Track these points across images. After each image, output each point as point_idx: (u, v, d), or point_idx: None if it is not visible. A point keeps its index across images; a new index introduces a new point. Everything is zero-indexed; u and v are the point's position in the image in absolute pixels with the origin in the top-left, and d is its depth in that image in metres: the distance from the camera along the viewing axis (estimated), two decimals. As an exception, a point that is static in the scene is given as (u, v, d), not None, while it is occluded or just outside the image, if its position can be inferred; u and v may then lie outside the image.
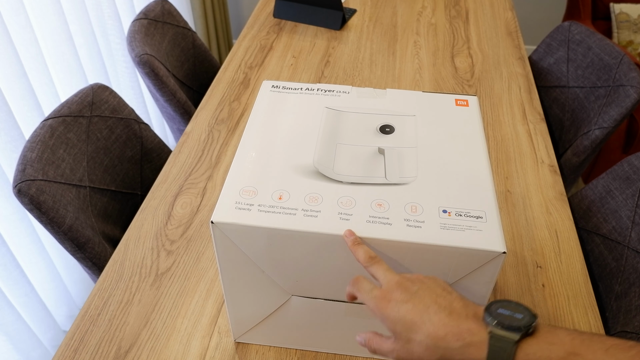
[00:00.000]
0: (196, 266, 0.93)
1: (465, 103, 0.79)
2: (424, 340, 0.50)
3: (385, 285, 0.55)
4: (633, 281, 0.98)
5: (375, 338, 0.56)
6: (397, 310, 0.52)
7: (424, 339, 0.50)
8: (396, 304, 0.52)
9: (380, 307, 0.53)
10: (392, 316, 0.52)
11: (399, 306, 0.52)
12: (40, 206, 0.96)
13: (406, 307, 0.52)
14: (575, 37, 1.53)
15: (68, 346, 0.81)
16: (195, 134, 1.23)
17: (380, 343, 0.55)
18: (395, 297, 0.53)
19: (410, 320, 0.51)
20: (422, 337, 0.50)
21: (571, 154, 1.38)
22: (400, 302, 0.52)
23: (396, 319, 0.52)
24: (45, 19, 1.50)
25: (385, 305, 0.53)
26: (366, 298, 0.55)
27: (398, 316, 0.52)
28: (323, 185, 0.65)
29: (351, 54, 1.53)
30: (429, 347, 0.50)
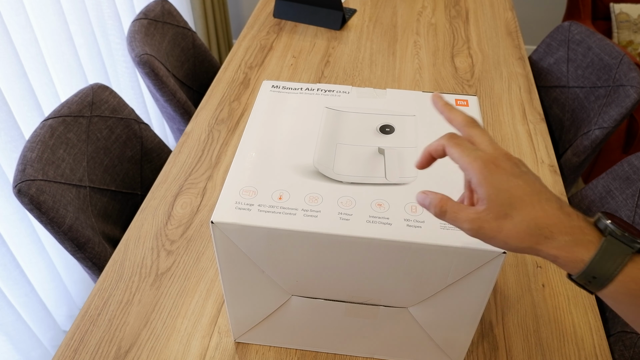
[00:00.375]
0: (196, 266, 0.93)
1: (465, 103, 0.79)
2: (526, 221, 0.45)
3: (492, 150, 0.48)
4: (633, 281, 0.98)
5: (451, 200, 0.49)
6: (507, 180, 0.46)
7: (527, 220, 0.45)
8: (507, 174, 0.46)
9: (487, 170, 0.46)
10: (499, 184, 0.46)
11: (510, 177, 0.46)
12: (40, 206, 0.96)
13: (517, 181, 0.46)
14: (575, 37, 1.53)
15: (68, 346, 0.81)
16: (195, 134, 1.23)
17: (458, 207, 0.48)
18: (506, 167, 0.47)
19: (518, 196, 0.45)
20: (526, 219, 0.45)
21: (571, 154, 1.38)
22: (511, 174, 0.46)
23: (503, 189, 0.45)
24: (45, 19, 1.50)
25: (494, 170, 0.46)
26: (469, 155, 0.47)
27: (506, 186, 0.46)
28: (323, 185, 0.65)
29: (351, 54, 1.53)
30: (528, 230, 0.45)
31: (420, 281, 0.64)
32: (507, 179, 0.46)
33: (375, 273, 0.64)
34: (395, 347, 0.76)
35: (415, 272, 0.63)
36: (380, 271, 0.64)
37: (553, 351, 0.81)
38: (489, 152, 0.48)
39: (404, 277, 0.64)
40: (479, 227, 0.46)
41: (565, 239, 0.44)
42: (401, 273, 0.64)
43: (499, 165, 0.47)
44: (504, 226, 0.45)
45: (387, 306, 0.69)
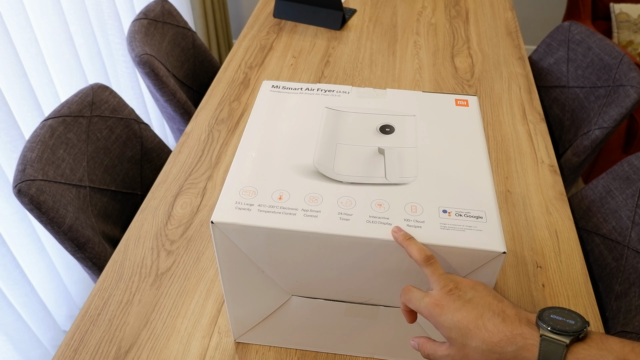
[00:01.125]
0: (196, 266, 0.93)
1: (465, 103, 0.79)
2: (479, 346, 0.51)
3: (438, 290, 0.56)
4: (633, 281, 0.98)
5: (429, 343, 0.57)
6: (452, 317, 0.53)
7: (479, 345, 0.51)
8: (450, 311, 0.53)
9: (434, 314, 0.54)
10: (447, 323, 0.53)
11: (454, 313, 0.53)
12: (40, 206, 0.96)
13: (460, 314, 0.53)
14: (575, 37, 1.53)
15: (68, 346, 0.81)
16: (195, 134, 1.23)
17: (434, 348, 0.57)
18: (449, 304, 0.54)
19: (465, 327, 0.52)
20: (478, 343, 0.51)
21: (571, 154, 1.38)
22: (454, 309, 0.53)
23: (451, 326, 0.53)
24: (45, 19, 1.50)
25: (440, 312, 0.54)
26: (419, 306, 0.56)
27: (453, 323, 0.53)
28: (323, 185, 0.65)
29: (351, 54, 1.53)
30: (484, 352, 0.51)
31: (420, 281, 0.64)
32: (453, 316, 0.53)
33: (376, 273, 0.64)
34: (395, 347, 0.76)
35: (416, 272, 0.63)
36: (381, 271, 0.64)
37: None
38: (436, 295, 0.55)
39: (404, 277, 0.64)
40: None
41: (512, 349, 0.50)
42: (401, 273, 0.64)
43: (443, 305, 0.54)
44: (468, 354, 0.53)
45: (387, 306, 0.69)
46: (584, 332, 0.49)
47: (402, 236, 0.59)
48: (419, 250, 0.58)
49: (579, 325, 0.49)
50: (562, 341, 0.48)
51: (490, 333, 0.51)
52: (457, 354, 0.53)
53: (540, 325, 0.50)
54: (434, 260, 0.58)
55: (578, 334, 0.49)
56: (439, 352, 0.56)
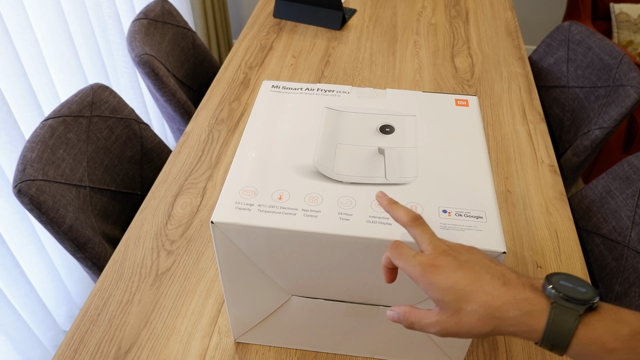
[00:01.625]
0: (196, 266, 0.93)
1: (465, 103, 0.79)
2: (477, 310, 0.47)
3: (431, 250, 0.51)
4: (633, 281, 0.98)
5: (414, 311, 0.51)
6: (447, 277, 0.48)
7: (477, 309, 0.47)
8: (445, 271, 0.48)
9: (427, 274, 0.49)
10: (441, 284, 0.48)
11: (449, 274, 0.48)
12: (40, 206, 0.96)
13: (457, 275, 0.48)
14: (575, 37, 1.53)
15: (68, 346, 0.81)
16: (195, 134, 1.23)
17: (420, 315, 0.50)
18: (444, 264, 0.49)
19: (462, 289, 0.47)
20: (476, 307, 0.47)
21: (571, 154, 1.38)
22: (450, 269, 0.48)
23: (445, 287, 0.48)
24: (45, 19, 1.50)
25: (433, 272, 0.49)
26: (410, 264, 0.50)
27: (448, 284, 0.48)
28: (323, 185, 0.65)
29: (351, 54, 1.53)
30: (482, 318, 0.47)
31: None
32: (447, 277, 0.48)
33: (375, 273, 0.64)
34: (395, 347, 0.76)
35: (415, 272, 0.63)
36: (381, 271, 0.64)
37: (553, 351, 0.81)
38: (427, 254, 0.50)
39: (404, 277, 0.64)
40: (442, 328, 0.49)
41: (515, 314, 0.46)
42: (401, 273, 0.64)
43: (437, 265, 0.49)
44: (462, 320, 0.47)
45: (387, 306, 0.69)
46: (596, 301, 0.45)
47: (386, 200, 0.56)
48: (405, 211, 0.54)
49: (590, 293, 0.45)
50: (576, 309, 0.44)
51: (490, 296, 0.46)
52: (449, 320, 0.48)
53: (550, 292, 0.46)
54: (422, 220, 0.54)
55: (592, 303, 0.44)
56: (426, 319, 0.50)
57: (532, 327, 0.45)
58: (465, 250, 0.51)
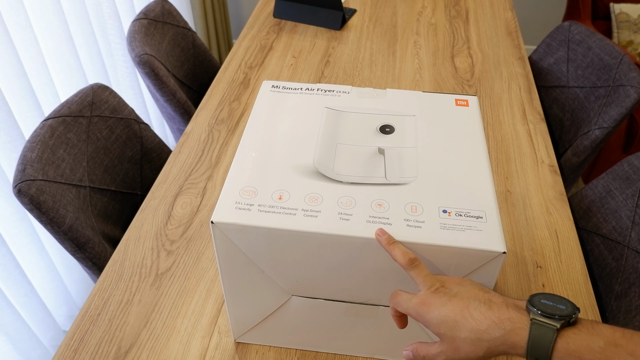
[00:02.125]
0: (196, 266, 0.93)
1: (465, 103, 0.79)
2: (468, 336, 0.51)
3: (425, 290, 0.56)
4: (633, 281, 0.98)
5: (422, 345, 0.57)
6: (439, 312, 0.53)
7: (468, 335, 0.51)
8: (437, 307, 0.54)
9: (422, 313, 0.55)
10: (435, 319, 0.53)
11: (440, 308, 0.53)
12: (40, 206, 0.96)
13: (447, 308, 0.53)
14: (575, 37, 1.53)
15: (68, 346, 0.81)
16: (195, 134, 1.23)
17: (427, 348, 0.56)
18: (434, 301, 0.54)
19: (452, 320, 0.52)
20: (466, 334, 0.51)
21: (571, 154, 1.38)
22: (440, 304, 0.54)
23: (439, 321, 0.53)
24: (45, 19, 1.50)
25: (427, 310, 0.54)
26: (407, 308, 0.56)
27: (440, 318, 0.53)
28: (323, 185, 0.65)
29: (351, 54, 1.53)
30: (474, 342, 0.51)
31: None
32: (439, 312, 0.53)
33: (375, 273, 0.64)
34: (395, 347, 0.76)
35: (415, 272, 0.63)
36: (380, 271, 0.64)
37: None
38: (423, 294, 0.56)
39: (404, 277, 0.64)
40: (446, 357, 0.54)
41: (500, 334, 0.50)
42: (401, 273, 0.63)
43: (429, 303, 0.55)
44: (458, 347, 0.52)
45: (387, 306, 0.69)
46: (574, 317, 0.49)
47: (385, 240, 0.60)
48: (403, 253, 0.58)
49: (569, 310, 0.49)
50: (553, 325, 0.48)
51: (477, 321, 0.51)
52: (448, 349, 0.53)
53: (530, 309, 0.50)
54: (418, 262, 0.58)
55: (569, 318, 0.48)
56: (432, 351, 0.56)
57: (516, 343, 0.49)
58: (456, 283, 0.56)
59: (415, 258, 0.58)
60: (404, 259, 0.58)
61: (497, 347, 0.50)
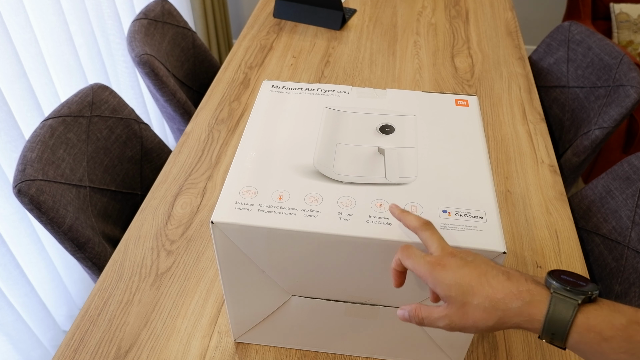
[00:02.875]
0: (196, 266, 0.93)
1: (465, 103, 0.79)
2: (481, 302, 0.49)
3: (439, 251, 0.54)
4: (633, 281, 0.98)
5: (423, 307, 0.55)
6: (453, 274, 0.51)
7: (481, 302, 0.49)
8: (452, 269, 0.52)
9: (435, 272, 0.52)
10: (448, 280, 0.51)
11: (455, 270, 0.51)
12: (40, 206, 0.96)
13: (463, 271, 0.51)
14: (575, 37, 1.53)
15: (68, 346, 0.81)
16: (195, 134, 1.23)
17: (429, 310, 0.54)
18: (450, 262, 0.52)
19: (467, 284, 0.50)
20: (480, 300, 0.49)
21: (571, 154, 1.38)
22: (456, 267, 0.52)
23: (451, 283, 0.51)
24: (45, 19, 1.50)
25: (440, 270, 0.52)
26: (419, 263, 0.54)
27: (454, 280, 0.51)
28: (323, 185, 0.65)
29: (351, 54, 1.53)
30: (487, 310, 0.49)
31: (420, 281, 0.64)
32: (454, 273, 0.51)
33: (375, 273, 0.64)
34: (395, 347, 0.76)
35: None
36: (380, 271, 0.64)
37: (553, 351, 0.81)
38: (436, 255, 0.54)
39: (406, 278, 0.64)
40: (450, 321, 0.52)
41: (517, 304, 0.48)
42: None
43: (444, 264, 0.52)
44: (468, 313, 0.50)
45: (387, 306, 0.69)
46: (595, 294, 0.47)
47: (398, 210, 0.60)
48: (416, 217, 0.58)
49: (590, 286, 0.47)
50: (574, 299, 0.46)
51: (494, 289, 0.49)
52: (455, 313, 0.51)
53: (551, 283, 0.48)
54: (431, 225, 0.57)
55: (590, 294, 0.47)
56: (434, 314, 0.53)
57: (533, 316, 0.47)
58: (471, 253, 0.54)
59: (429, 221, 0.57)
60: (417, 221, 0.57)
61: (510, 319, 0.49)
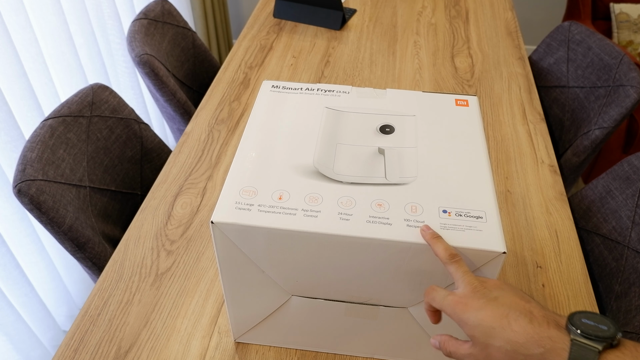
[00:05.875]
0: (196, 266, 0.93)
1: (465, 103, 0.79)
2: (503, 346, 0.50)
3: (463, 288, 0.55)
4: (633, 281, 0.98)
5: (451, 340, 0.56)
6: (475, 315, 0.52)
7: (503, 345, 0.50)
8: (474, 309, 0.52)
9: (458, 312, 0.53)
10: (470, 321, 0.52)
11: (477, 311, 0.52)
12: (40, 206, 0.96)
13: (484, 312, 0.51)
14: (575, 37, 1.53)
15: (68, 346, 0.81)
16: (195, 134, 1.23)
17: (456, 346, 0.55)
18: (472, 302, 0.53)
19: (488, 326, 0.51)
20: (502, 343, 0.50)
21: (571, 154, 1.38)
22: (478, 307, 0.52)
23: (474, 324, 0.52)
24: (45, 19, 1.50)
25: (463, 310, 0.53)
26: (442, 304, 0.55)
27: (476, 321, 0.51)
28: (323, 185, 0.65)
29: (351, 54, 1.53)
30: (508, 353, 0.49)
31: (420, 281, 0.64)
32: (476, 314, 0.52)
33: (375, 273, 0.64)
34: (395, 347, 0.76)
35: (415, 272, 0.63)
36: (380, 271, 0.64)
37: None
38: (460, 293, 0.54)
39: (404, 277, 0.64)
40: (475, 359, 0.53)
41: (539, 351, 0.48)
42: (401, 273, 0.64)
43: (467, 303, 0.53)
44: (491, 354, 0.51)
45: (387, 306, 0.69)
46: (617, 339, 0.46)
47: (430, 234, 0.59)
48: (445, 248, 0.58)
49: (612, 331, 0.47)
50: (595, 347, 0.46)
51: (515, 333, 0.49)
52: (479, 354, 0.52)
53: (571, 329, 0.48)
54: (459, 258, 0.57)
55: (611, 340, 0.46)
56: (460, 351, 0.54)
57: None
58: (496, 287, 0.54)
59: (457, 254, 0.58)
60: (446, 253, 0.57)
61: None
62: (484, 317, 0.51)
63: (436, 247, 0.58)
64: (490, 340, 0.50)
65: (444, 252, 0.58)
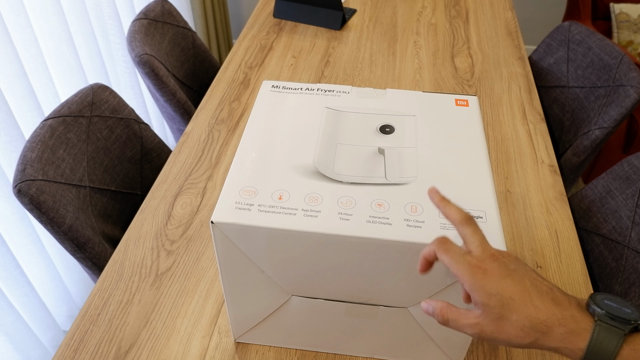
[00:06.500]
0: (196, 266, 0.93)
1: (465, 103, 0.79)
2: (520, 321, 0.46)
3: (480, 252, 0.50)
4: (633, 281, 0.98)
5: (452, 308, 0.51)
6: (496, 283, 0.48)
7: (521, 320, 0.46)
8: (494, 277, 0.48)
9: (476, 276, 0.48)
10: (488, 288, 0.48)
11: (498, 280, 0.48)
12: (40, 206, 0.96)
13: (505, 282, 0.48)
14: (575, 37, 1.53)
15: (68, 346, 0.81)
16: (195, 134, 1.23)
17: (458, 313, 0.50)
18: (493, 269, 0.48)
19: (508, 297, 0.47)
20: (520, 318, 0.46)
21: (571, 154, 1.38)
22: (499, 275, 0.48)
23: (493, 293, 0.47)
24: (45, 19, 1.50)
25: (482, 275, 0.48)
26: (458, 262, 0.50)
27: (495, 290, 0.47)
28: (323, 185, 0.65)
29: (351, 54, 1.53)
30: (524, 329, 0.46)
31: (420, 281, 0.64)
32: (496, 282, 0.48)
33: (375, 273, 0.64)
34: (395, 347, 0.76)
35: (415, 272, 0.63)
36: (380, 271, 0.64)
37: (553, 351, 0.81)
38: (477, 256, 0.50)
39: (404, 277, 0.64)
40: (480, 331, 0.48)
41: (561, 331, 0.45)
42: (401, 273, 0.64)
43: (486, 269, 0.48)
44: (503, 327, 0.47)
45: (387, 306, 0.69)
46: None
47: (438, 197, 0.56)
48: (458, 210, 0.54)
49: (636, 314, 0.45)
50: (621, 329, 0.44)
51: (537, 309, 0.46)
52: (490, 325, 0.48)
53: (595, 309, 0.46)
54: (474, 221, 0.53)
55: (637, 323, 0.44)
56: (463, 320, 0.49)
57: (574, 345, 0.45)
58: (513, 259, 0.50)
59: (471, 216, 0.53)
60: (459, 214, 0.53)
61: (549, 343, 0.46)
62: (505, 286, 0.47)
63: (448, 209, 0.54)
64: (507, 312, 0.47)
65: (458, 213, 0.53)
